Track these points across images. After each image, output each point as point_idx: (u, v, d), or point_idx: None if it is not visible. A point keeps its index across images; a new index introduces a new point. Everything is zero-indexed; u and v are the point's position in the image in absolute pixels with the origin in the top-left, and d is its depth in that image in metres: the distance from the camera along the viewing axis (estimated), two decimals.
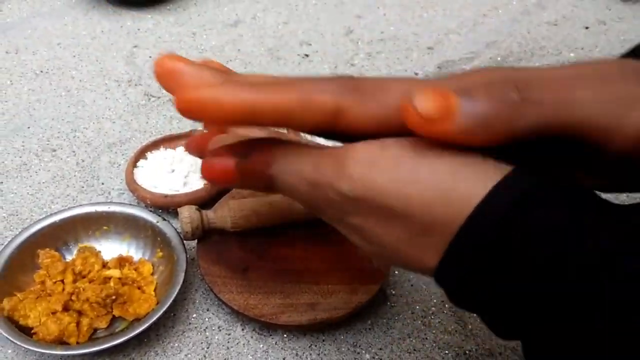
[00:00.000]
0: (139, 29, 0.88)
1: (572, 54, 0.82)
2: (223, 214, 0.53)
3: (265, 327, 0.50)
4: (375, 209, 0.28)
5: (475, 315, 0.49)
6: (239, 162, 0.32)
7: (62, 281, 0.50)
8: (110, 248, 0.54)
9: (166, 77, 0.31)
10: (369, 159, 0.29)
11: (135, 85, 0.77)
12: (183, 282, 0.49)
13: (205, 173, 0.33)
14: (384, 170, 0.28)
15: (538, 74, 0.30)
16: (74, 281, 0.50)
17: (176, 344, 0.49)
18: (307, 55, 0.82)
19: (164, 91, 0.75)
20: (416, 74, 0.79)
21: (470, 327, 0.49)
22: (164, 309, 0.47)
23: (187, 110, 0.28)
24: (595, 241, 0.25)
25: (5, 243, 0.52)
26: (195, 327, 0.50)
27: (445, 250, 0.27)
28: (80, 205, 0.55)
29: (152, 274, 0.52)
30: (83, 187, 0.63)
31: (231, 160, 0.33)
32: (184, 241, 0.52)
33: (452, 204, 0.27)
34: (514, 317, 0.27)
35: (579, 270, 0.24)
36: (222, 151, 0.33)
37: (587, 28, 0.87)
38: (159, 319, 0.47)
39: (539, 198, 0.26)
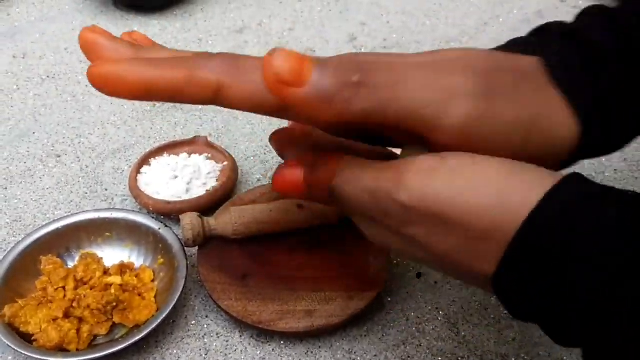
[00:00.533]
0: (145, 35, 0.89)
1: None
2: (224, 221, 0.53)
3: (263, 333, 0.50)
4: (432, 217, 0.29)
5: (468, 322, 0.50)
6: (307, 174, 0.34)
7: (64, 288, 0.50)
8: (112, 254, 0.55)
9: (87, 49, 0.32)
10: (427, 169, 0.30)
11: None
12: (183, 288, 0.49)
13: (277, 185, 0.35)
14: (440, 180, 0.29)
15: (386, 60, 0.31)
16: (76, 288, 0.50)
17: (175, 351, 0.49)
18: None
19: None
20: None
21: (463, 334, 0.50)
22: (164, 316, 0.48)
23: (94, 83, 0.30)
24: None
25: (8, 249, 0.52)
26: (194, 334, 0.51)
27: (501, 257, 0.28)
28: (84, 211, 0.55)
29: (153, 280, 0.53)
30: (87, 193, 0.63)
31: (300, 171, 0.35)
32: (185, 248, 0.52)
33: (507, 211, 0.28)
34: (574, 323, 0.27)
35: (636, 273, 0.25)
36: (292, 162, 0.35)
37: None
38: (158, 326, 0.47)
39: (589, 204, 0.27)
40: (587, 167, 0.65)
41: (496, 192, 0.28)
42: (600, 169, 0.65)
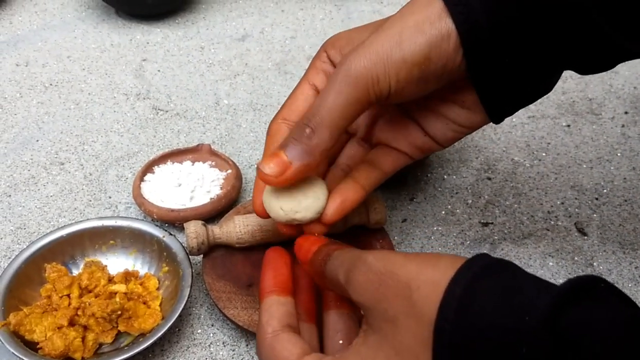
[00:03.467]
0: (148, 43, 0.89)
1: None
2: (228, 229, 0.53)
3: None
4: None
5: None
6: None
7: (69, 296, 0.50)
8: (116, 262, 0.55)
9: None
10: None
11: (144, 98, 0.78)
12: (188, 297, 0.49)
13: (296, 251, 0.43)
14: None
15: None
16: (80, 296, 0.50)
17: None
18: None
19: (172, 105, 0.76)
20: None
21: None
22: (169, 324, 0.47)
23: None
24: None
25: (13, 257, 0.52)
26: (200, 343, 0.50)
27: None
28: (88, 219, 0.55)
29: (158, 288, 0.52)
30: (90, 200, 0.63)
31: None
32: (190, 256, 0.52)
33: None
34: None
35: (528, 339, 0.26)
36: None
37: None
38: (164, 334, 0.47)
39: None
40: (595, 176, 0.65)
41: None
42: (609, 178, 0.65)
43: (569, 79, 0.81)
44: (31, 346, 0.47)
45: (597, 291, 0.27)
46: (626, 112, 0.75)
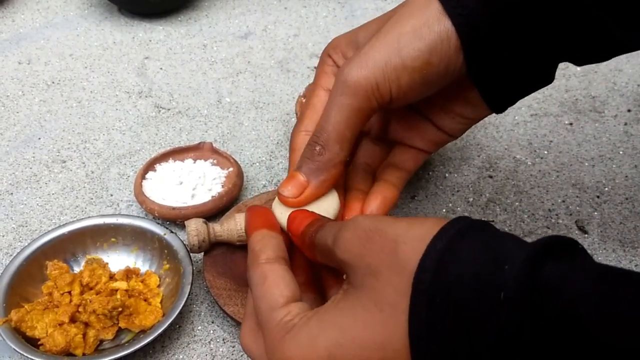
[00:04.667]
0: (150, 40, 0.89)
1: (578, 68, 0.82)
2: (229, 227, 0.53)
3: None
4: None
5: None
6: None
7: (70, 293, 0.51)
8: (117, 260, 0.55)
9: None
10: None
11: (146, 96, 0.78)
12: (189, 294, 0.49)
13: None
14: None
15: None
16: (82, 293, 0.51)
17: (181, 356, 0.49)
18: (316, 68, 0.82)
19: (174, 103, 0.76)
20: None
21: None
22: (170, 321, 0.48)
23: None
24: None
25: (15, 254, 0.52)
26: (200, 339, 0.51)
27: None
28: (89, 217, 0.55)
29: (159, 286, 0.53)
30: (92, 198, 0.63)
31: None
32: (191, 253, 0.52)
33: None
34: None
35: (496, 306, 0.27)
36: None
37: None
38: (164, 331, 0.47)
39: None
40: (597, 174, 0.65)
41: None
42: (611, 176, 0.65)
43: (572, 77, 0.81)
44: (32, 342, 0.47)
45: (574, 249, 0.28)
46: (629, 110, 0.75)
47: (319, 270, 0.43)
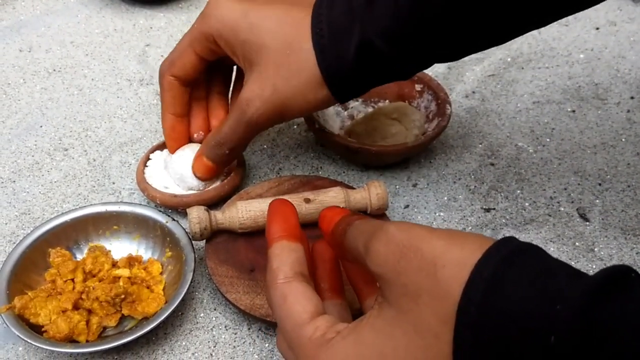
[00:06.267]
0: (151, 27, 0.89)
1: (581, 55, 0.82)
2: (231, 215, 0.53)
3: (271, 326, 0.50)
4: None
5: None
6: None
7: (73, 280, 0.51)
8: (120, 247, 0.55)
9: None
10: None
11: (147, 84, 0.78)
12: (191, 281, 0.49)
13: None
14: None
15: None
16: (84, 280, 0.51)
17: (184, 343, 0.50)
18: None
19: None
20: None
21: None
22: (172, 308, 0.48)
23: None
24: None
25: (17, 242, 0.53)
26: (203, 326, 0.51)
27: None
28: (92, 204, 0.56)
29: (161, 273, 0.53)
30: (94, 186, 0.63)
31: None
32: (193, 241, 0.52)
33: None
34: None
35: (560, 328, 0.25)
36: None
37: (597, 29, 0.87)
38: (167, 318, 0.48)
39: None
40: (599, 162, 0.65)
41: None
42: (613, 163, 0.65)
43: (575, 64, 0.80)
44: (36, 329, 0.48)
45: (629, 282, 0.26)
46: (632, 97, 0.75)
47: (350, 272, 0.43)
